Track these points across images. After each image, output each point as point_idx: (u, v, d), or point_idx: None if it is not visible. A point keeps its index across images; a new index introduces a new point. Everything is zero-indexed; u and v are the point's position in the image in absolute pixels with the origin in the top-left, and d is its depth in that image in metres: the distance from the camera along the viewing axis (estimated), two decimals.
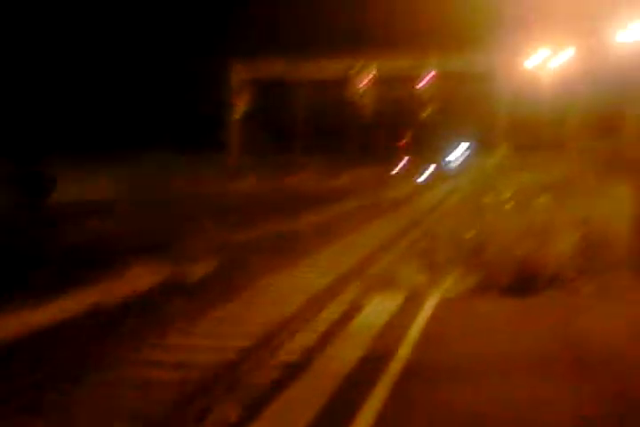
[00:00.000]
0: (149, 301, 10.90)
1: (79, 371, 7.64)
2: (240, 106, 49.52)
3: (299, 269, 13.87)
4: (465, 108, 58.74)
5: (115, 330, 9.29)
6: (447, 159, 73.00)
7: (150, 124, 50.01)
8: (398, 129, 66.90)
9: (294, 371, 7.48)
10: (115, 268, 12.88)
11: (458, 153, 72.68)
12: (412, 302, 10.27)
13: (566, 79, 39.44)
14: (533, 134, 41.72)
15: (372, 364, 7.36)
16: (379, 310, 9.99)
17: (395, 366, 7.21)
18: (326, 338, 8.92)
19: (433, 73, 46.78)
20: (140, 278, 12.23)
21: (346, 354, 7.75)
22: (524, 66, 42.34)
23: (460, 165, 62.02)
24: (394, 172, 57.43)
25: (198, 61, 50.34)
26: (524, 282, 10.66)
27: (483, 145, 44.47)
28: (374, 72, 46.52)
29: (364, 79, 46.14)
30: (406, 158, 65.78)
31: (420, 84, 46.59)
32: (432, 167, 59.37)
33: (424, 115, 48.91)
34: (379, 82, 47.30)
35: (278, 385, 6.93)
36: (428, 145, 71.37)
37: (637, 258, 11.37)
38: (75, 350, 8.42)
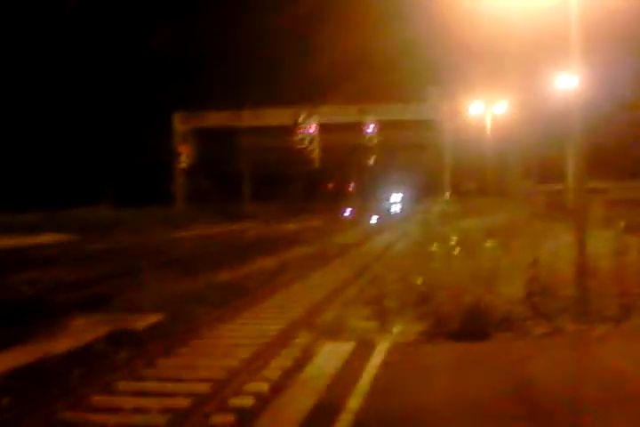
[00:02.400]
0: (93, 354, 10.61)
1: None
2: (185, 155, 49.49)
3: (245, 319, 13.66)
4: (409, 155, 59.61)
5: (54, 386, 8.99)
6: (392, 206, 73.74)
7: (95, 178, 49.77)
8: (344, 176, 67.48)
9: (248, 418, 7.56)
10: (55, 321, 12.56)
11: (403, 199, 73.44)
12: (363, 348, 10.17)
13: (508, 125, 40.30)
14: (477, 180, 42.36)
15: (323, 414, 7.23)
16: (330, 357, 9.88)
17: (345, 418, 7.10)
18: (278, 386, 8.84)
19: (377, 121, 47.38)
20: (84, 331, 11.91)
21: (298, 403, 7.64)
22: (466, 113, 43.22)
23: (405, 211, 62.54)
24: (340, 217, 57.71)
25: (141, 113, 50.46)
26: (473, 326, 10.63)
27: (427, 191, 44.94)
28: (319, 120, 46.98)
29: (310, 126, 46.53)
30: (352, 205, 66.23)
31: (365, 132, 47.12)
32: (377, 214, 59.74)
33: (369, 162, 49.36)
34: (323, 129, 47.75)
35: None
36: (373, 192, 72.11)
37: (582, 301, 11.47)
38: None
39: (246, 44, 56.00)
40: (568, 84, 19.42)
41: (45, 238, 32.35)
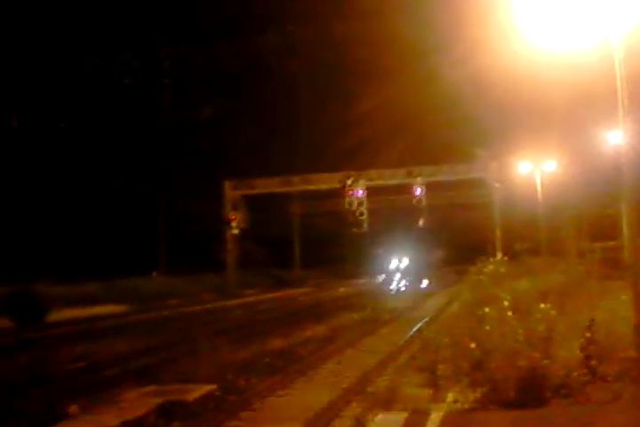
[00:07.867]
0: None
1: None
2: (235, 222, 49.85)
3: (297, 387, 13.51)
4: (459, 216, 59.31)
5: None
6: (442, 267, 72.91)
7: (148, 248, 50.47)
8: (393, 238, 67.23)
9: None
10: (108, 393, 12.55)
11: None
12: (416, 417, 9.91)
13: (558, 183, 39.90)
14: (529, 239, 41.80)
15: None
16: (382, 426, 9.67)
17: None
18: None
19: (425, 183, 47.26)
20: (135, 404, 11.86)
21: None
22: (515, 172, 42.95)
23: (456, 273, 61.82)
24: (392, 283, 57.20)
25: (192, 182, 51.37)
26: (529, 392, 10.30)
27: (478, 252, 44.47)
28: (367, 183, 47.08)
29: (359, 190, 46.63)
30: (402, 268, 65.71)
31: (414, 194, 47.00)
32: (428, 277, 59.18)
33: (418, 224, 49.09)
34: (372, 192, 47.80)
35: None
36: (423, 254, 71.59)
37: None
38: None
39: (294, 111, 57.03)
40: (616, 139, 19.23)
41: (101, 309, 32.70)
